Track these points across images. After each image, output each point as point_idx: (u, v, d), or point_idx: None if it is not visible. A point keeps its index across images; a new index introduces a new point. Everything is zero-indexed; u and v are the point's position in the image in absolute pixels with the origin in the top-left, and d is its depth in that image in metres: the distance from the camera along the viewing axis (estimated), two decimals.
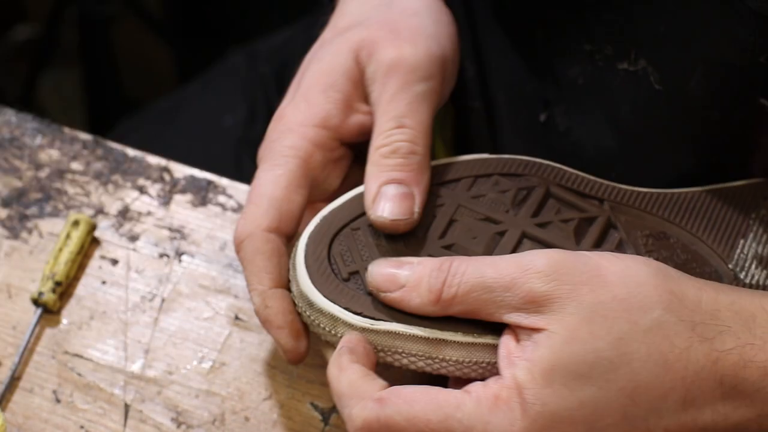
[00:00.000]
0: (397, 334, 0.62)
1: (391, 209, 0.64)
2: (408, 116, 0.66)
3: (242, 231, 0.66)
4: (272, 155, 0.67)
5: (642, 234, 0.66)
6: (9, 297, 0.73)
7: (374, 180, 0.65)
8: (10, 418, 0.68)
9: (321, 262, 0.65)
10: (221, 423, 0.68)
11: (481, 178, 0.68)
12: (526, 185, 0.67)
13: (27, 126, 0.79)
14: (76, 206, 0.75)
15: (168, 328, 0.71)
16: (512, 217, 0.66)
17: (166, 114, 1.05)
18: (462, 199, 0.67)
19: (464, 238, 0.65)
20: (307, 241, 0.65)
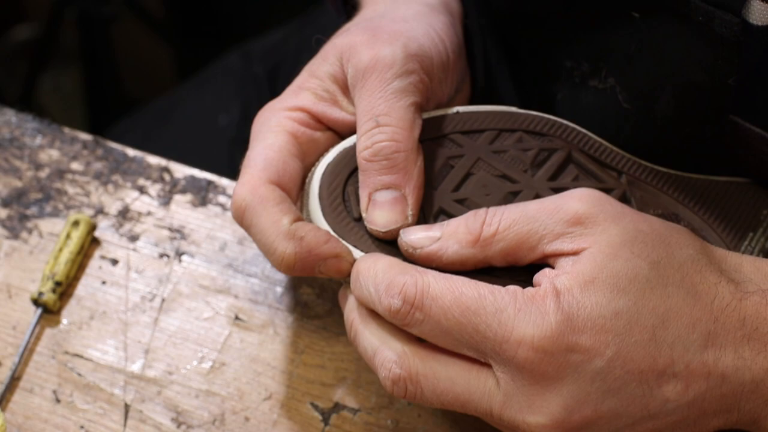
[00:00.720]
0: None
1: (383, 218, 0.64)
2: (386, 114, 0.65)
3: (243, 191, 0.65)
4: (259, 134, 0.67)
5: (654, 212, 0.67)
6: (9, 297, 0.73)
7: (364, 188, 0.65)
8: (10, 418, 0.69)
9: (335, 197, 0.65)
10: (221, 423, 0.68)
11: (506, 132, 0.68)
12: (548, 146, 0.67)
13: (27, 126, 0.79)
14: (76, 206, 0.75)
15: (168, 328, 0.71)
16: (529, 178, 0.66)
17: (163, 114, 1.05)
18: (482, 152, 0.67)
19: (478, 194, 0.65)
20: (325, 170, 0.65)
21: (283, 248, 0.63)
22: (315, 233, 0.63)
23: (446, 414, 0.68)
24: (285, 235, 0.63)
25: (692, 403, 0.58)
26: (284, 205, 0.64)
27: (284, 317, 0.71)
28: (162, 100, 1.09)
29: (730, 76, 0.64)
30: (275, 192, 0.65)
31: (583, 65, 0.70)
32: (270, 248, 0.64)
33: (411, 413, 0.68)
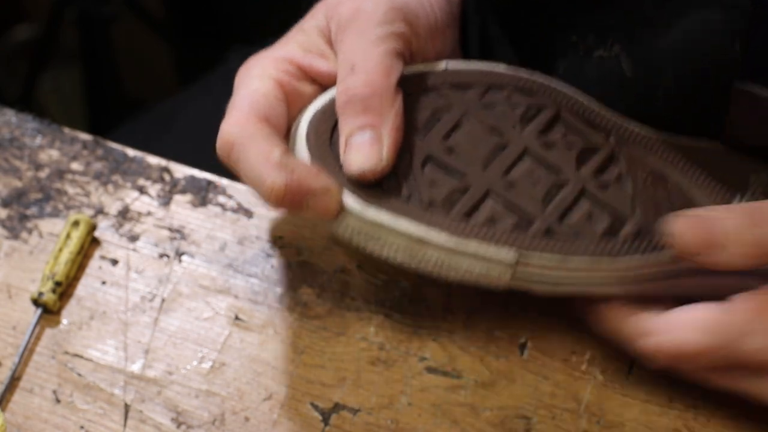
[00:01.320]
0: (383, 224, 0.63)
1: (356, 160, 0.63)
2: (361, 60, 0.65)
3: (230, 127, 0.64)
4: (244, 80, 0.67)
5: (642, 172, 0.67)
6: (9, 297, 0.73)
7: (342, 135, 0.64)
8: (10, 418, 0.69)
9: (322, 142, 0.65)
10: (221, 423, 0.68)
11: (494, 89, 0.68)
12: (537, 103, 0.67)
13: (27, 126, 0.79)
14: (76, 206, 0.75)
15: (168, 329, 0.71)
16: (518, 133, 0.66)
17: (165, 117, 1.05)
18: (471, 106, 0.67)
19: (466, 144, 0.65)
20: (313, 116, 0.65)
21: (273, 178, 0.63)
22: (306, 166, 0.63)
23: (446, 414, 0.67)
24: (276, 166, 0.63)
25: None
26: (274, 138, 0.64)
27: (284, 317, 0.71)
28: (164, 104, 1.09)
29: (736, 41, 0.63)
30: (264, 127, 0.64)
31: (588, 38, 0.69)
32: (259, 180, 0.63)
33: (411, 413, 0.68)
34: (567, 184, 0.65)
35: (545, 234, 0.64)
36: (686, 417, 0.67)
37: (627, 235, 0.65)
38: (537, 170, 0.65)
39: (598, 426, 0.67)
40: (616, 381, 0.68)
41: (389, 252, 0.64)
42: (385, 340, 0.70)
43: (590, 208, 0.65)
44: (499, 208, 0.64)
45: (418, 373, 0.69)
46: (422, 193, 0.64)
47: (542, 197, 0.65)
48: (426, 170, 0.65)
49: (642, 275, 0.64)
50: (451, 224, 0.63)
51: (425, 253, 0.63)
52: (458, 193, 0.64)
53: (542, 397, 0.68)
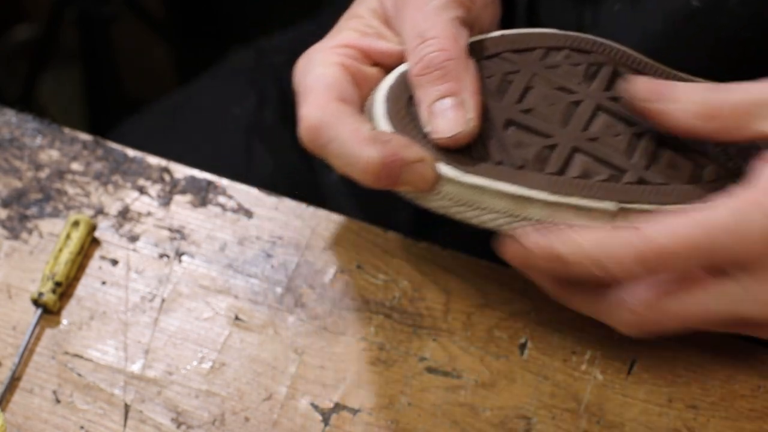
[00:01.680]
0: (483, 188, 0.63)
1: (445, 125, 0.63)
2: (429, 28, 0.65)
3: (312, 111, 0.63)
4: (308, 70, 0.66)
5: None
6: (9, 297, 0.72)
7: (422, 104, 0.64)
8: (10, 418, 0.68)
9: (402, 116, 0.65)
10: (221, 423, 0.68)
11: (553, 51, 0.69)
12: (595, 61, 0.68)
13: (27, 126, 0.79)
14: (76, 207, 0.75)
15: (168, 329, 0.71)
16: (586, 88, 0.67)
17: (172, 110, 1.04)
18: (537, 68, 0.67)
19: (542, 105, 0.66)
20: (388, 91, 0.65)
21: (368, 154, 0.62)
22: (398, 138, 0.63)
23: (446, 414, 0.67)
24: (368, 140, 0.62)
25: None
26: (358, 115, 0.64)
27: (284, 317, 0.71)
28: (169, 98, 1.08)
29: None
30: (347, 107, 0.64)
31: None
32: (353, 157, 0.62)
33: (411, 413, 0.68)
34: (644, 134, 0.66)
35: (639, 182, 0.64)
36: (686, 417, 0.67)
37: (709, 180, 0.65)
38: (613, 123, 0.66)
39: (598, 426, 0.67)
40: (616, 381, 0.68)
41: (489, 216, 0.64)
42: (385, 340, 0.70)
43: (671, 156, 0.66)
44: (589, 163, 0.65)
45: (418, 373, 0.69)
46: (512, 154, 0.64)
47: (625, 148, 0.65)
48: (509, 133, 0.65)
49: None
50: (548, 180, 0.64)
51: (528, 212, 0.64)
52: (547, 150, 0.65)
53: (542, 397, 0.68)
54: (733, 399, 0.67)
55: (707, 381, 0.68)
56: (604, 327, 0.69)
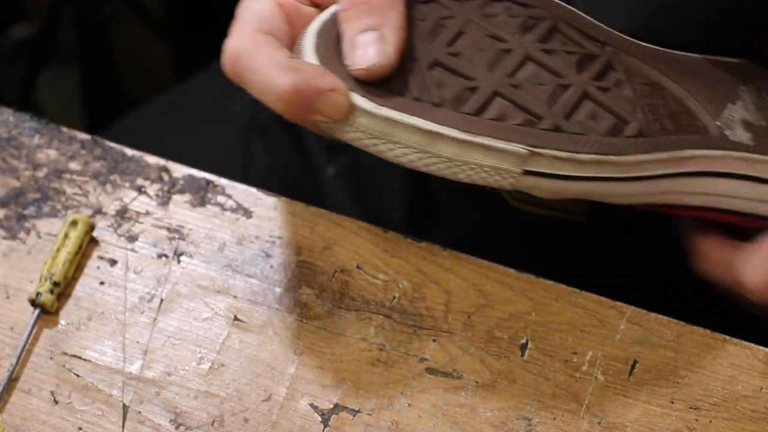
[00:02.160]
0: (395, 121, 0.64)
1: (361, 58, 0.64)
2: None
3: (236, 39, 0.64)
4: (245, 6, 0.67)
5: (639, 80, 0.69)
6: (7, 298, 0.72)
7: (345, 37, 0.65)
8: (8, 419, 0.68)
9: (330, 51, 0.66)
10: (220, 424, 0.68)
11: (494, 1, 0.70)
12: (535, 15, 0.69)
13: (25, 126, 0.78)
14: (74, 206, 0.75)
15: (166, 329, 0.71)
16: (519, 39, 0.68)
17: (169, 108, 1.05)
18: (472, 15, 0.68)
19: (471, 49, 0.67)
20: (318, 30, 0.66)
21: (281, 81, 0.63)
22: (313, 66, 0.64)
23: (446, 415, 0.67)
24: (283, 68, 0.63)
25: None
26: (277, 44, 0.64)
27: (283, 318, 0.71)
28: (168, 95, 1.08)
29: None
30: (267, 37, 0.65)
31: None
32: (266, 84, 0.63)
33: (411, 414, 0.67)
34: (570, 86, 0.67)
35: (554, 130, 0.65)
36: (688, 418, 0.67)
37: (630, 135, 0.66)
38: (540, 73, 0.67)
39: (599, 427, 0.66)
40: (617, 382, 0.68)
41: (401, 151, 0.65)
42: (385, 340, 0.69)
43: (594, 108, 0.66)
44: (507, 107, 0.65)
45: (418, 373, 0.68)
46: (432, 93, 0.65)
47: (548, 98, 0.66)
48: (433, 73, 0.66)
49: (646, 176, 0.66)
50: (462, 119, 0.65)
51: (438, 149, 0.64)
52: (467, 92, 0.66)
53: (543, 398, 0.67)
54: (735, 400, 0.67)
55: (709, 382, 0.67)
56: (606, 327, 0.69)
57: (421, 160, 0.65)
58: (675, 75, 0.70)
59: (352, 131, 0.65)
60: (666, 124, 0.68)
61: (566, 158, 0.65)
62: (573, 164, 0.65)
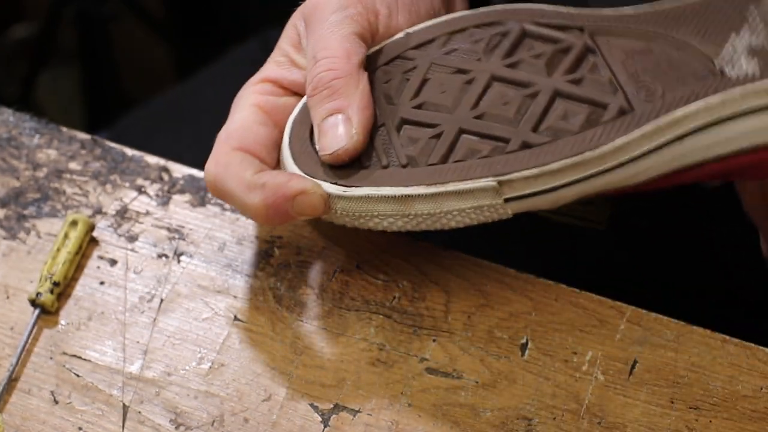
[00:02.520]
0: (368, 197, 0.65)
1: (328, 143, 0.66)
2: (323, 47, 0.67)
3: (209, 165, 0.67)
4: (230, 115, 0.69)
5: (624, 52, 0.67)
6: (7, 298, 0.72)
7: (314, 123, 0.66)
8: (8, 419, 0.68)
9: (303, 142, 0.67)
10: (220, 424, 0.68)
11: (456, 34, 0.69)
12: (500, 30, 0.68)
13: (25, 126, 0.78)
14: (75, 206, 0.75)
15: (167, 329, 0.71)
16: (483, 64, 0.67)
17: (173, 106, 1.05)
18: (435, 57, 0.68)
19: (434, 94, 0.67)
20: (292, 123, 0.68)
21: (250, 200, 0.65)
22: (276, 176, 0.65)
23: (446, 415, 0.67)
24: (248, 187, 0.65)
25: None
26: (245, 161, 0.66)
27: (283, 318, 0.71)
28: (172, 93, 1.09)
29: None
30: (237, 154, 0.66)
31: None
32: (241, 206, 0.66)
33: (411, 414, 0.67)
34: (538, 93, 0.66)
35: (522, 148, 0.64)
36: (688, 418, 0.67)
37: (609, 118, 0.65)
38: (506, 92, 0.66)
39: (599, 427, 0.66)
40: (617, 382, 0.68)
41: (387, 222, 0.66)
42: (385, 340, 0.69)
43: (565, 106, 0.65)
44: (473, 142, 0.65)
45: (418, 373, 0.68)
46: (399, 155, 0.66)
47: (513, 115, 0.65)
48: (402, 132, 0.67)
49: (640, 154, 0.64)
50: (428, 173, 0.65)
51: (416, 209, 0.65)
52: (433, 141, 0.66)
53: (543, 398, 0.67)
54: (735, 400, 0.67)
55: (709, 382, 0.67)
56: (606, 327, 0.69)
57: (407, 223, 0.66)
58: (664, 28, 0.67)
59: (337, 217, 0.66)
60: (654, 88, 0.65)
61: (538, 174, 0.64)
62: (548, 176, 0.64)
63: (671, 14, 0.68)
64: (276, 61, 0.70)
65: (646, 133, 0.64)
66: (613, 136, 0.64)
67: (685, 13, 0.67)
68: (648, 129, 0.64)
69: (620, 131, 0.64)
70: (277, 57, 0.70)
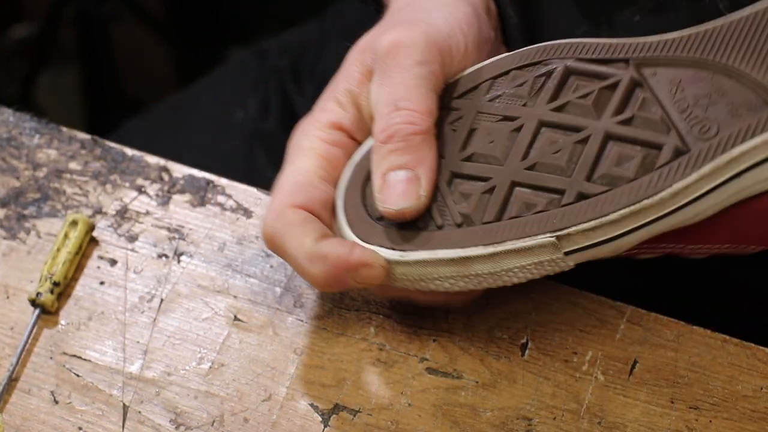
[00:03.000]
0: (426, 261, 0.64)
1: (395, 199, 0.64)
2: (406, 98, 0.65)
3: (269, 217, 0.65)
4: (292, 156, 0.67)
5: (672, 83, 0.64)
6: (7, 298, 0.72)
7: (377, 170, 0.65)
8: (8, 419, 0.68)
9: (356, 207, 0.66)
10: (220, 424, 0.68)
11: (499, 78, 0.67)
12: (544, 71, 0.66)
13: (25, 125, 0.78)
14: (75, 206, 0.75)
15: (167, 329, 0.71)
16: (529, 109, 0.65)
17: (173, 114, 1.04)
18: (480, 105, 0.66)
19: (482, 145, 0.65)
20: (345, 187, 0.66)
21: (310, 271, 0.64)
22: (337, 248, 0.64)
23: (446, 415, 0.67)
24: (309, 258, 0.64)
25: None
26: (307, 225, 0.65)
27: (283, 318, 0.71)
28: (171, 100, 1.08)
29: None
30: (299, 214, 0.65)
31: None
32: (301, 273, 0.65)
33: (411, 414, 0.67)
34: (589, 138, 0.64)
35: (577, 200, 0.63)
36: (688, 418, 0.66)
37: (664, 162, 0.62)
38: (556, 138, 0.64)
39: (599, 427, 0.66)
40: (617, 382, 0.68)
41: (448, 283, 0.64)
42: (385, 340, 0.69)
43: (618, 150, 0.63)
44: (528, 195, 0.64)
45: (418, 373, 0.68)
46: (453, 213, 0.64)
47: (565, 164, 0.64)
48: (453, 187, 0.65)
49: (691, 199, 0.62)
50: (484, 232, 0.63)
51: (475, 269, 0.64)
52: (486, 196, 0.64)
53: (543, 397, 0.67)
54: (735, 400, 0.67)
55: (709, 382, 0.67)
56: (606, 327, 0.69)
57: (469, 283, 0.64)
58: (714, 55, 0.64)
59: (396, 280, 0.65)
60: (708, 124, 0.63)
61: (596, 226, 0.62)
62: (607, 227, 0.62)
63: (718, 36, 0.65)
64: (339, 101, 0.68)
65: (703, 175, 0.62)
66: (670, 181, 0.62)
67: (732, 34, 0.65)
68: (705, 171, 0.62)
69: (677, 175, 0.62)
70: (340, 96, 0.68)
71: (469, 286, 0.64)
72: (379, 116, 0.65)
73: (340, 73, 0.69)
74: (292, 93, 0.78)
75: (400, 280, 0.65)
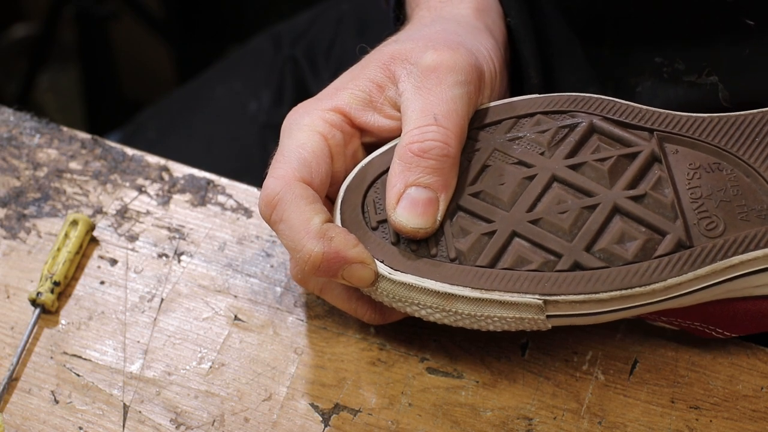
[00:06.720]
0: (411, 285, 0.63)
1: (413, 216, 0.64)
2: (445, 116, 0.64)
3: (276, 184, 0.64)
4: (291, 131, 0.67)
5: (691, 167, 0.64)
6: (7, 297, 0.72)
7: (401, 178, 0.64)
8: (8, 419, 0.68)
9: (354, 211, 0.65)
10: (220, 424, 0.68)
11: (523, 119, 0.67)
12: (569, 123, 0.66)
13: (25, 125, 0.78)
14: (75, 206, 0.75)
15: (167, 329, 0.71)
16: (545, 160, 0.65)
17: (188, 103, 1.04)
18: (498, 143, 0.66)
19: (492, 185, 0.65)
20: (345, 189, 0.66)
21: (311, 247, 0.63)
22: (345, 236, 0.64)
23: (447, 414, 0.67)
24: (315, 234, 0.63)
25: None
26: (317, 204, 0.64)
27: (284, 317, 0.71)
28: (186, 89, 1.08)
29: None
30: (308, 191, 0.64)
31: (677, 63, 0.68)
32: (297, 246, 0.63)
33: (412, 414, 0.67)
34: (597, 206, 0.64)
35: (572, 269, 0.62)
36: (688, 418, 0.67)
37: (664, 253, 0.62)
38: (565, 197, 0.64)
39: (599, 427, 0.66)
40: (617, 381, 0.68)
41: (425, 311, 0.64)
42: (385, 340, 0.69)
43: (622, 227, 0.63)
44: (525, 249, 0.63)
45: (418, 373, 0.68)
46: (449, 246, 0.64)
47: (569, 227, 0.63)
48: (455, 220, 0.65)
49: (682, 293, 0.63)
50: (475, 275, 0.63)
51: (456, 307, 0.63)
52: (484, 238, 0.64)
53: (543, 397, 0.67)
54: (735, 400, 0.67)
55: (709, 382, 0.67)
56: (606, 327, 0.69)
57: (445, 318, 0.64)
58: (737, 146, 0.64)
59: (375, 294, 0.65)
60: (716, 222, 0.63)
61: (585, 300, 0.62)
62: (595, 304, 0.62)
63: (747, 128, 0.65)
64: (353, 93, 0.67)
65: (699, 276, 0.62)
66: (665, 275, 0.62)
67: (756, 129, 0.64)
68: (702, 272, 0.62)
69: (674, 271, 0.62)
70: (355, 90, 0.67)
71: (445, 320, 0.64)
72: (412, 124, 0.65)
73: (358, 72, 0.68)
74: (309, 81, 0.77)
75: (380, 294, 0.65)
